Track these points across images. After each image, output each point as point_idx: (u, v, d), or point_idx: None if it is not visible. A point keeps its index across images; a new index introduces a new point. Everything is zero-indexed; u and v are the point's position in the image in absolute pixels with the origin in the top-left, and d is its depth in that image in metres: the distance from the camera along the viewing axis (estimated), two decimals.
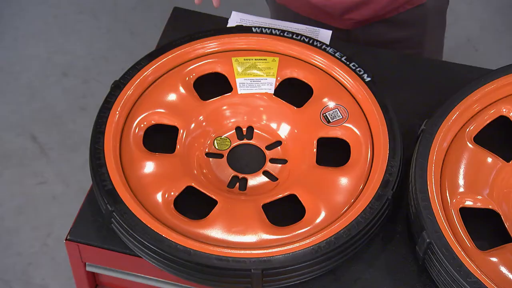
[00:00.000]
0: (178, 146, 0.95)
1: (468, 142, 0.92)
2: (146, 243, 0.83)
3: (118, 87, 0.95)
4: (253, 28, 1.03)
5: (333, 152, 0.95)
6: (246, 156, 0.98)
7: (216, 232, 0.86)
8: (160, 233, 0.83)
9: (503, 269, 0.82)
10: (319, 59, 1.01)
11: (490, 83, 0.93)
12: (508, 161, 0.92)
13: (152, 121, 0.96)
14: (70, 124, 1.93)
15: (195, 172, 0.94)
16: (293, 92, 1.01)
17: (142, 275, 0.91)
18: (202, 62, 1.01)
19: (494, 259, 0.83)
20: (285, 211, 0.91)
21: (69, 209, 1.66)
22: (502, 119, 0.95)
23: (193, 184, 0.90)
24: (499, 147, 0.94)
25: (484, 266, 0.81)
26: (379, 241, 0.90)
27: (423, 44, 1.24)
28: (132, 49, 2.07)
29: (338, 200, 0.89)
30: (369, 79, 0.98)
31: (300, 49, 1.01)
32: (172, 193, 0.89)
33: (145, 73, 0.97)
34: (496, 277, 0.80)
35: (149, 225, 0.83)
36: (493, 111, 0.94)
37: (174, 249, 0.82)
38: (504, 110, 0.94)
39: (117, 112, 0.93)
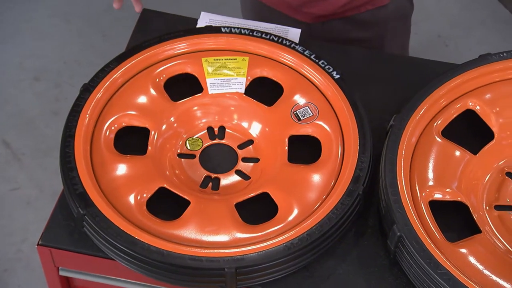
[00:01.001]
0: (149, 148, 0.95)
1: (436, 136, 0.94)
2: (119, 245, 0.82)
3: (87, 90, 0.95)
4: (222, 28, 1.04)
5: (304, 150, 0.96)
6: (218, 156, 0.98)
7: (189, 232, 0.86)
8: (132, 235, 0.83)
9: (471, 260, 0.83)
10: (289, 58, 1.02)
11: (455, 78, 0.95)
12: (475, 153, 0.94)
13: (123, 123, 0.95)
14: (43, 128, 1.91)
15: (168, 173, 0.94)
16: (263, 91, 1.01)
17: (116, 277, 0.91)
18: (172, 63, 1.01)
19: (463, 250, 0.84)
20: (258, 210, 0.91)
21: (43, 214, 1.64)
22: (469, 112, 0.97)
23: (165, 185, 0.90)
24: (467, 140, 0.95)
25: (453, 257, 0.82)
26: (351, 236, 0.91)
27: (384, 47, 1.25)
28: (104, 51, 2.06)
29: (310, 197, 0.90)
30: (338, 76, 0.99)
31: (269, 48, 1.02)
32: (145, 195, 0.89)
33: (115, 75, 0.97)
34: (465, 268, 0.82)
35: (121, 228, 0.83)
36: (460, 105, 0.95)
37: (147, 251, 0.82)
38: (470, 103, 0.96)
39: (87, 115, 0.92)
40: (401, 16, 1.24)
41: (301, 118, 0.97)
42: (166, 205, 0.91)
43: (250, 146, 0.99)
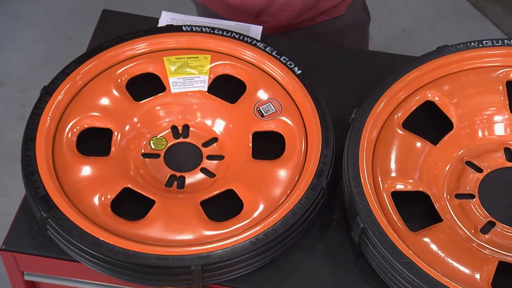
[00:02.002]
0: (113, 149, 0.95)
1: (397, 128, 0.95)
2: (84, 247, 0.82)
3: (47, 92, 0.94)
4: (183, 27, 1.04)
5: (268, 145, 0.97)
6: (183, 155, 0.98)
7: (155, 232, 0.86)
8: (97, 236, 0.83)
9: (433, 247, 0.85)
10: (250, 55, 1.02)
11: (414, 70, 0.97)
12: (435, 144, 0.95)
13: (85, 125, 0.95)
14: (9, 134, 1.89)
15: (132, 173, 0.94)
16: (226, 88, 1.02)
17: (83, 280, 0.91)
18: (133, 63, 1.01)
19: (425, 239, 0.86)
20: (223, 207, 0.91)
21: (11, 221, 1.62)
22: (429, 104, 0.98)
23: (129, 186, 0.90)
24: (427, 131, 0.97)
25: (416, 246, 0.84)
26: (317, 229, 0.92)
27: (346, 47, 1.26)
28: (70, 54, 2.02)
29: (275, 192, 0.91)
30: (299, 71, 1.00)
31: (231, 46, 1.02)
32: (109, 196, 0.89)
33: (75, 77, 0.96)
34: (427, 256, 0.83)
35: (85, 229, 0.83)
36: (419, 97, 0.97)
37: (112, 252, 0.82)
38: (429, 95, 0.98)
39: (48, 118, 0.92)
40: (358, 26, 1.25)
41: (265, 114, 0.98)
42: (131, 205, 0.90)
43: (215, 143, 0.99)
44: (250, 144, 0.97)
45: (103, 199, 0.88)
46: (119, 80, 0.99)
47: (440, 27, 2.21)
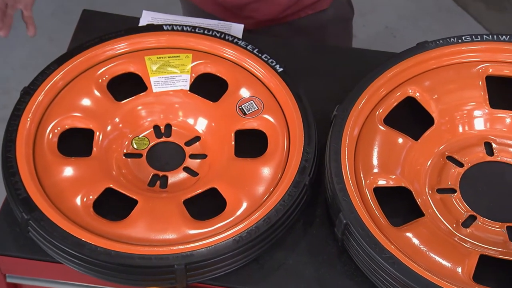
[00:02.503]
0: (94, 149, 0.94)
1: (378, 125, 0.96)
2: (66, 248, 0.82)
3: (27, 93, 0.94)
4: (164, 26, 1.03)
5: (251, 143, 0.97)
6: (165, 154, 0.98)
7: (137, 232, 0.86)
8: (79, 237, 0.82)
9: (416, 242, 0.85)
10: (232, 53, 1.02)
11: (394, 67, 0.97)
12: (417, 139, 0.96)
13: (66, 126, 0.95)
14: None
15: (114, 173, 0.94)
16: (209, 87, 1.02)
17: (66, 281, 0.90)
18: (114, 63, 1.00)
19: (407, 234, 0.86)
20: (207, 205, 0.91)
21: None
22: (410, 99, 0.99)
23: (111, 186, 0.90)
24: (408, 127, 0.97)
25: (398, 241, 0.84)
26: (300, 226, 0.92)
27: (328, 44, 1.26)
28: (52, 55, 2.01)
29: (258, 190, 0.91)
30: (281, 69, 1.00)
31: (212, 44, 1.02)
32: (91, 196, 0.88)
33: (55, 78, 0.96)
34: (410, 251, 0.84)
35: (67, 230, 0.82)
36: (400, 93, 0.97)
37: (95, 252, 0.82)
38: (410, 91, 0.98)
39: (28, 119, 0.91)
40: (342, 20, 1.26)
41: (247, 113, 0.98)
42: (114, 205, 0.90)
43: (197, 142, 0.99)
44: (233, 143, 0.97)
45: (85, 199, 0.88)
46: (100, 80, 0.99)
47: (423, 24, 2.22)
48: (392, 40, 2.18)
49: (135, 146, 0.98)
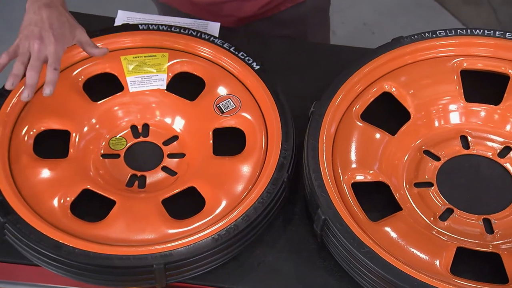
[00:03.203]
0: (71, 150, 0.94)
1: (356, 120, 0.96)
2: (43, 250, 0.81)
3: (2, 96, 0.93)
4: (139, 26, 1.03)
5: (229, 142, 0.97)
6: (143, 154, 0.98)
7: (116, 232, 0.85)
8: (56, 239, 0.82)
9: (394, 236, 0.86)
10: (208, 52, 1.02)
11: (370, 62, 0.97)
12: (394, 134, 0.96)
13: (42, 128, 0.94)
14: None
15: (92, 174, 0.93)
16: (186, 86, 1.01)
17: (44, 284, 0.90)
18: (90, 64, 1.00)
19: (386, 228, 0.87)
20: (186, 204, 0.91)
21: None
22: (386, 95, 0.99)
23: (89, 187, 0.89)
24: (385, 122, 0.98)
25: (376, 236, 0.85)
26: (279, 223, 0.93)
27: (306, 41, 1.26)
28: None
29: (236, 187, 0.91)
30: (258, 67, 1.00)
31: (188, 43, 1.02)
32: (68, 198, 0.88)
33: None
34: (388, 245, 0.84)
35: (44, 233, 0.82)
36: (376, 89, 0.98)
37: (73, 254, 0.81)
38: (386, 86, 0.99)
39: (3, 122, 0.90)
40: (320, 10, 1.26)
41: (224, 111, 0.98)
42: (92, 206, 0.90)
43: (175, 141, 0.99)
44: (211, 141, 0.96)
45: (62, 201, 0.87)
46: (75, 81, 0.98)
47: (401, 20, 2.24)
48: (370, 37, 2.19)
49: (113, 147, 0.97)
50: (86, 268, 0.82)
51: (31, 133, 0.93)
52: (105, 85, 1.00)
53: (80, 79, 0.99)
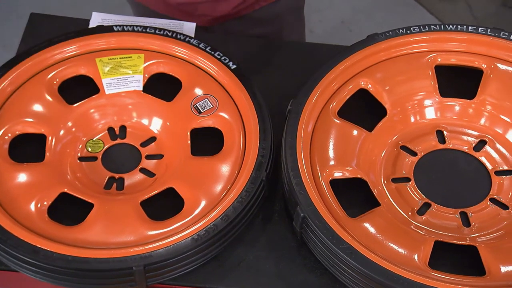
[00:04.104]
0: (47, 154, 0.93)
1: (333, 118, 0.96)
2: (21, 256, 0.80)
3: None
4: (114, 27, 1.02)
5: (207, 142, 0.97)
6: (121, 156, 0.97)
7: (94, 235, 0.85)
8: (34, 244, 0.81)
9: (373, 232, 0.86)
10: (184, 52, 1.02)
11: (345, 60, 0.98)
12: (370, 131, 0.97)
13: (17, 132, 0.93)
14: None
15: (69, 177, 0.92)
16: (162, 86, 1.01)
17: None
18: (65, 66, 0.99)
19: (365, 224, 0.87)
20: (165, 205, 0.91)
21: None
22: (362, 91, 1.00)
23: (66, 190, 0.89)
24: (362, 119, 0.98)
25: (355, 232, 0.85)
26: (259, 222, 0.93)
27: (282, 40, 1.27)
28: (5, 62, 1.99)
29: (215, 187, 0.91)
30: (234, 66, 1.00)
31: (164, 44, 1.02)
32: (45, 202, 0.87)
33: (3, 83, 0.94)
34: (367, 240, 0.85)
35: (21, 237, 0.81)
36: (352, 86, 0.98)
37: (51, 258, 0.80)
38: (362, 83, 0.99)
39: None
40: (295, 8, 1.27)
41: (202, 111, 0.98)
42: (70, 210, 0.89)
43: (153, 143, 0.99)
44: (189, 142, 0.96)
45: (39, 205, 0.87)
46: (50, 84, 0.97)
47: (378, 17, 2.25)
48: (348, 34, 2.20)
49: (90, 149, 0.97)
50: (65, 272, 0.81)
51: (6, 137, 0.92)
52: (80, 88, 0.99)
53: (55, 82, 0.98)
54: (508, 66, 0.99)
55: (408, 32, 1.01)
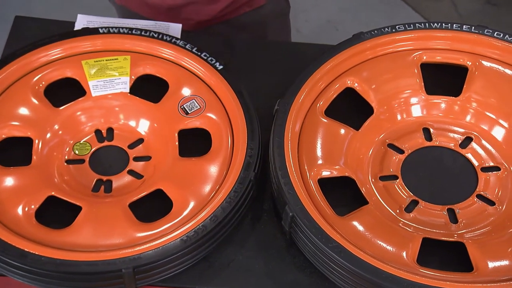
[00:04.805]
0: (34, 157, 0.93)
1: (320, 117, 0.97)
2: (8, 260, 0.80)
3: None
4: (100, 29, 1.02)
5: (195, 142, 0.97)
6: (108, 158, 0.97)
7: (83, 238, 0.85)
8: (22, 248, 0.81)
9: (361, 230, 0.87)
10: (171, 53, 1.02)
11: (332, 59, 0.98)
12: (358, 129, 0.97)
13: (3, 135, 0.92)
14: None
15: (56, 181, 0.92)
16: (149, 88, 1.01)
17: None
18: (50, 69, 0.98)
19: (353, 223, 0.88)
20: (153, 207, 0.91)
21: None
22: (349, 90, 1.00)
23: (53, 193, 0.88)
24: (349, 117, 0.99)
25: (344, 230, 0.86)
26: (248, 222, 0.93)
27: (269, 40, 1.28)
28: None
29: (204, 188, 0.91)
30: (221, 67, 1.00)
31: (150, 45, 1.02)
32: (33, 206, 0.87)
33: None
34: (356, 239, 0.85)
35: (8, 241, 0.81)
36: (338, 85, 0.99)
37: (39, 262, 0.80)
38: (348, 82, 1.00)
39: None
40: (279, 15, 1.27)
41: (189, 112, 0.98)
42: (58, 213, 0.89)
43: (140, 144, 0.99)
44: (177, 143, 0.96)
45: (26, 209, 0.86)
46: (36, 87, 0.97)
47: (364, 16, 2.26)
48: (335, 34, 2.21)
49: (77, 152, 0.96)
50: (54, 275, 0.81)
51: None
52: (67, 90, 0.99)
53: (41, 85, 0.97)
54: (493, 63, 1.00)
55: (394, 30, 1.01)
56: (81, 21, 1.08)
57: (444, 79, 1.02)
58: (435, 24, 1.02)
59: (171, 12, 1.17)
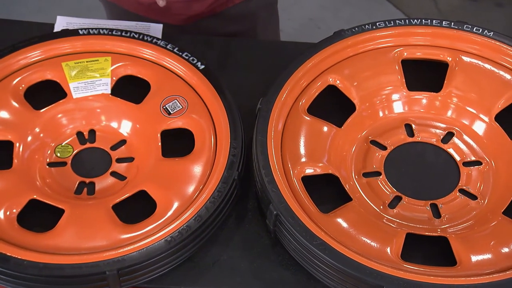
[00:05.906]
0: (15, 161, 0.92)
1: (303, 115, 0.97)
2: None
3: None
4: (79, 31, 1.01)
5: (178, 143, 0.96)
6: (91, 160, 0.96)
7: (66, 241, 0.84)
8: (4, 252, 0.80)
9: (345, 226, 0.87)
10: (152, 53, 1.01)
11: (313, 57, 0.98)
12: (340, 126, 0.98)
13: None
14: None
15: (38, 184, 0.91)
16: (131, 89, 1.00)
17: None
18: (30, 72, 0.98)
19: (337, 220, 0.88)
20: (137, 208, 0.90)
21: None
22: (331, 88, 1.01)
23: (35, 197, 0.88)
24: (332, 115, 0.99)
25: (328, 228, 0.86)
26: (233, 221, 0.93)
27: (257, 37, 1.28)
28: None
29: (187, 188, 0.90)
30: (203, 67, 1.00)
31: (130, 46, 1.01)
32: (14, 210, 0.86)
33: None
34: (340, 236, 0.85)
35: None
36: (320, 82, 0.99)
37: (22, 266, 0.79)
38: (330, 79, 1.00)
39: None
40: (268, 5, 1.27)
41: (171, 112, 0.97)
42: (40, 217, 0.88)
43: (123, 146, 0.98)
44: (159, 143, 0.96)
45: (8, 213, 0.85)
46: (16, 90, 0.96)
47: (345, 13, 2.27)
48: (317, 31, 2.22)
49: (59, 155, 0.96)
50: (37, 279, 0.80)
51: None
52: (47, 93, 0.98)
53: (20, 87, 0.96)
54: (472, 58, 1.00)
55: (374, 27, 1.02)
56: (61, 23, 1.07)
57: (425, 75, 1.02)
58: (415, 20, 1.02)
59: (161, 8, 1.17)
